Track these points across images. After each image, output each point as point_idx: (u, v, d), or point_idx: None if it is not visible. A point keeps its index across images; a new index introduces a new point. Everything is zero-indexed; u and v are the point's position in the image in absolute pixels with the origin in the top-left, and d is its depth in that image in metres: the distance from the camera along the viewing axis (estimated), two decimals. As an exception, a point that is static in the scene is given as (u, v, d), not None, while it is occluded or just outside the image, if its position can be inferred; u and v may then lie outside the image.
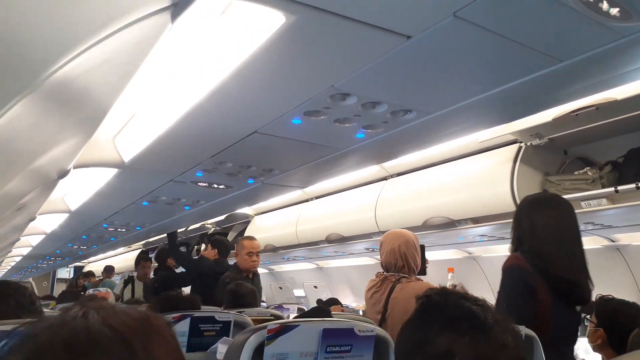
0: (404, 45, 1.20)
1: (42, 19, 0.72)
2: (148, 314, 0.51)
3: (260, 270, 7.10)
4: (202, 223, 5.39)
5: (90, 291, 4.54)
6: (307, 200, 4.58)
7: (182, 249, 6.00)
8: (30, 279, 10.67)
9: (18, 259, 7.93)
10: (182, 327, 1.83)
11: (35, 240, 5.29)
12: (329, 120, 1.72)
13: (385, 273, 2.37)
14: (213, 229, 5.89)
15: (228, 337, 1.91)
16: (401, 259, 2.33)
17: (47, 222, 4.13)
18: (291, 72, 1.40)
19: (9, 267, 9.88)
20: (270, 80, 1.45)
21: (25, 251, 6.57)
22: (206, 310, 2.09)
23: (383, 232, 3.60)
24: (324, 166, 2.38)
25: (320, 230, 4.20)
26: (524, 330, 1.70)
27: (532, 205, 1.89)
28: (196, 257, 4.46)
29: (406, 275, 2.31)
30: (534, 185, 2.69)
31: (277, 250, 5.01)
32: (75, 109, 1.36)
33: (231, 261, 4.06)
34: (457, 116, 1.70)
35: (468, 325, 0.80)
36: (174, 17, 0.95)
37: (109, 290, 4.63)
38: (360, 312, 4.53)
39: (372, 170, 3.53)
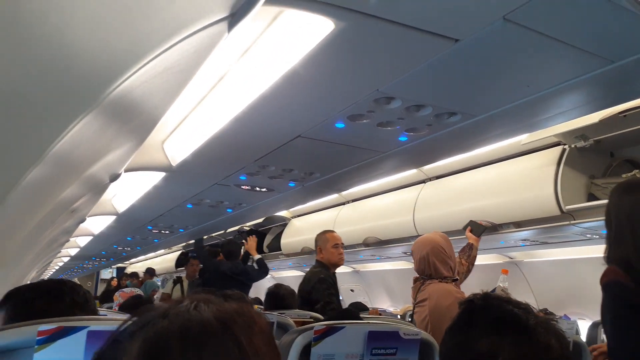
0: (452, 49, 1.21)
1: (106, 39, 0.75)
2: (248, 307, 0.55)
3: (296, 273, 7.18)
4: (240, 226, 5.49)
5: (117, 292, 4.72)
6: (343, 204, 4.59)
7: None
8: (76, 279, 11.10)
9: (66, 259, 8.27)
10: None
11: (83, 241, 5.51)
12: (372, 123, 1.74)
13: (418, 276, 2.44)
14: (250, 229, 5.99)
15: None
16: (429, 267, 2.36)
17: (95, 224, 4.30)
18: (337, 77, 1.43)
19: (57, 268, 10.29)
20: (316, 85, 1.48)
21: (73, 252, 6.84)
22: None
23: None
24: (365, 170, 2.40)
25: (357, 233, 4.21)
26: (572, 336, 1.66)
27: (625, 191, 1.47)
28: (215, 260, 4.58)
29: (434, 277, 2.35)
30: (579, 188, 2.63)
31: (313, 253, 5.04)
32: (131, 118, 1.42)
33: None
34: (502, 119, 1.69)
35: (510, 327, 0.81)
36: (231, 26, 1.00)
37: (133, 289, 4.90)
38: (398, 317, 4.50)
39: (410, 173, 3.52)
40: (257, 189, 2.75)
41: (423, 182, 3.66)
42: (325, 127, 1.81)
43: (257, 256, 4.66)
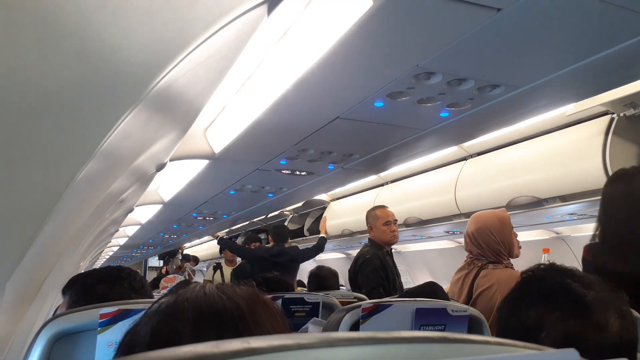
0: (494, 19, 1.17)
1: (152, 30, 0.77)
2: (256, 291, 0.59)
3: (337, 255, 7.22)
4: (280, 210, 5.56)
5: (162, 280, 4.92)
6: (382, 185, 4.58)
7: (263, 235, 6.24)
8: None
9: (115, 248, 8.61)
10: (276, 307, 1.92)
11: (131, 230, 5.72)
12: (412, 100, 1.72)
13: (473, 257, 2.30)
14: (291, 215, 6.06)
15: (317, 317, 1.98)
16: (476, 246, 2.22)
17: (142, 213, 4.45)
18: (375, 55, 1.41)
19: (107, 257, 10.73)
20: (354, 65, 1.47)
21: (122, 241, 7.12)
22: (297, 292, 2.18)
23: (464, 214, 3.55)
24: (404, 148, 2.38)
25: (397, 214, 4.17)
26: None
27: (607, 182, 1.68)
28: (248, 247, 4.68)
29: (493, 261, 2.20)
30: (629, 158, 2.52)
31: (355, 235, 5.06)
32: (175, 108, 1.46)
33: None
34: (547, 89, 1.64)
35: (561, 300, 0.77)
36: (270, 9, 1.00)
37: (177, 275, 5.16)
38: (443, 295, 4.47)
39: (450, 151, 3.46)
40: (297, 172, 2.78)
41: (464, 159, 3.60)
42: (364, 107, 1.80)
43: (323, 234, 4.74)
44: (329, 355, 0.32)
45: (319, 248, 4.68)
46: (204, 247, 9.37)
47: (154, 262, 13.83)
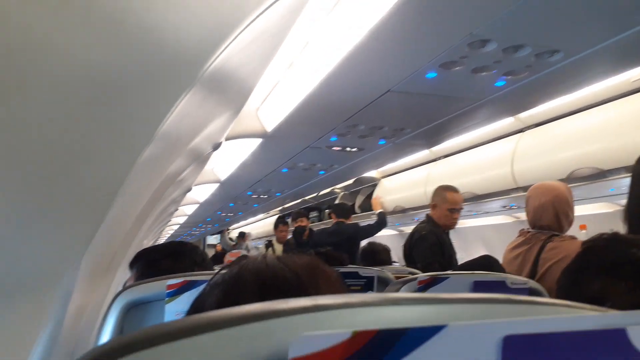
0: (553, -21, 1.12)
1: (205, 9, 0.78)
2: (317, 261, 0.60)
3: (389, 232, 7.20)
4: (332, 188, 5.59)
5: (228, 254, 5.09)
6: (433, 160, 4.50)
7: (315, 213, 6.29)
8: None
9: (175, 227, 8.99)
10: (331, 282, 1.95)
11: (190, 209, 5.94)
12: (466, 70, 1.67)
13: (532, 230, 2.21)
14: (342, 193, 6.09)
15: (372, 291, 2.00)
16: (550, 216, 2.10)
17: (200, 193, 4.61)
18: (427, 24, 1.38)
19: (168, 235, 11.23)
20: (405, 36, 1.45)
21: (182, 220, 7.41)
22: (351, 267, 2.20)
23: (522, 188, 3.43)
24: (458, 120, 2.33)
25: (451, 189, 4.11)
26: None
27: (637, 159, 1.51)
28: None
29: (557, 233, 2.09)
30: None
31: (407, 212, 5.02)
32: (228, 88, 1.49)
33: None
34: (610, 53, 1.55)
35: (627, 271, 0.75)
36: (319, -17, 1.00)
37: (241, 251, 5.29)
38: (500, 271, 4.37)
39: (505, 123, 3.34)
40: (348, 149, 2.78)
41: (521, 131, 3.47)
42: (415, 79, 1.77)
43: (379, 210, 4.71)
44: (392, 313, 0.33)
45: (380, 223, 4.63)
46: (260, 225, 9.59)
47: (212, 240, 14.31)
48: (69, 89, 0.55)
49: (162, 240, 11.23)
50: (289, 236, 5.22)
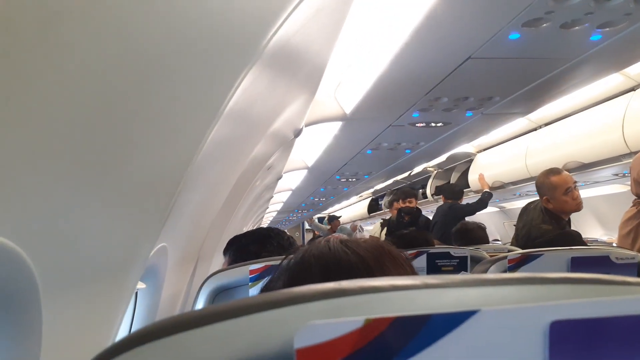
0: None
1: None
2: (381, 243, 0.58)
3: (491, 209, 6.88)
4: (424, 166, 5.44)
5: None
6: (534, 129, 4.18)
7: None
8: (286, 230, 12.47)
9: (274, 214, 9.37)
10: (420, 263, 1.89)
11: (284, 196, 6.14)
12: (554, 26, 1.50)
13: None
14: (435, 171, 5.90)
15: (466, 272, 1.91)
16: None
17: (291, 180, 4.74)
18: (502, -20, 1.26)
19: (269, 222, 11.74)
20: (478, -4, 1.34)
21: (279, 207, 7.70)
22: (442, 247, 2.12)
23: (635, 153, 3.08)
24: (552, 84, 2.12)
25: (554, 160, 3.79)
26: None
27: None
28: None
29: None
30: None
31: (507, 187, 4.74)
32: (297, 68, 1.49)
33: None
34: None
35: None
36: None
37: (340, 234, 5.30)
38: (614, 245, 4.00)
39: (612, 82, 3.00)
40: (433, 124, 2.67)
41: (632, 89, 3.09)
42: (497, 42, 1.63)
43: (486, 189, 4.58)
44: (444, 297, 0.30)
45: (481, 203, 4.45)
46: (354, 208, 9.67)
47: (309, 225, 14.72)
48: (124, 67, 0.57)
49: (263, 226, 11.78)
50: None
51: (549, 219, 2.47)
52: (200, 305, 1.13)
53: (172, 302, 1.57)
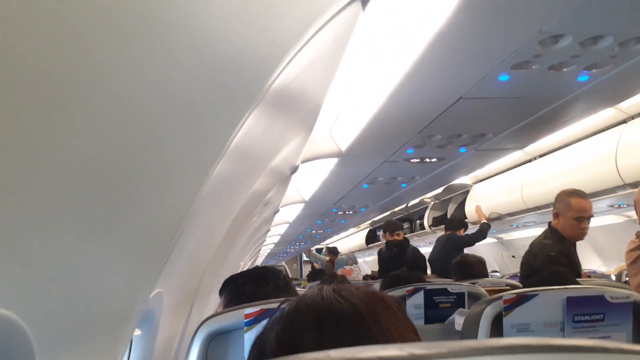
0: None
1: (251, 39, 0.81)
2: (374, 291, 0.58)
3: (489, 240, 6.86)
4: (421, 198, 5.46)
5: (339, 271, 5.10)
6: (529, 161, 4.22)
7: (406, 224, 6.17)
8: (283, 263, 12.38)
9: (271, 246, 9.31)
10: (417, 300, 1.89)
11: (282, 229, 6.13)
12: (542, 68, 1.55)
13: None
14: (432, 202, 5.92)
15: (464, 308, 1.91)
16: None
17: (288, 213, 4.74)
18: (490, 26, 1.31)
19: (266, 254, 11.65)
20: (468, 41, 1.38)
21: (276, 239, 7.66)
22: (438, 283, 2.12)
23: (629, 185, 3.10)
24: (543, 121, 2.16)
25: (549, 192, 3.78)
26: None
27: None
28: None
29: None
30: None
31: (503, 218, 4.75)
32: (294, 110, 1.53)
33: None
34: None
35: None
36: (364, 4, 0.99)
37: (353, 267, 5.30)
38: (613, 277, 3.99)
39: (604, 115, 3.05)
40: (427, 160, 2.70)
41: (624, 122, 3.14)
42: (488, 83, 1.68)
43: (483, 220, 4.61)
44: None
45: (480, 234, 4.45)
46: (351, 239, 9.64)
47: (306, 257, 14.62)
48: (131, 119, 0.59)
49: (259, 260, 11.67)
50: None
51: (551, 235, 2.44)
52: (195, 351, 1.12)
53: (166, 346, 1.56)
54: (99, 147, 0.54)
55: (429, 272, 4.46)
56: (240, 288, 1.32)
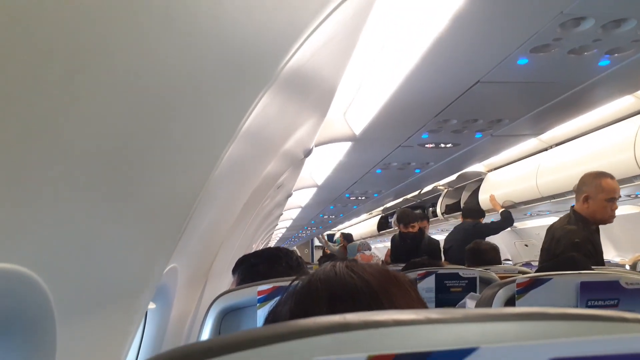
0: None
1: (270, 16, 0.81)
2: (387, 268, 0.58)
3: (501, 229, 6.80)
4: (434, 185, 5.43)
5: (357, 256, 5.11)
6: (545, 149, 4.17)
7: (418, 211, 6.15)
8: (295, 247, 12.48)
9: (283, 230, 9.36)
10: (428, 284, 1.89)
11: (294, 213, 6.15)
12: (562, 52, 1.52)
13: None
14: (446, 190, 5.88)
15: (475, 293, 1.91)
16: None
17: (301, 197, 4.76)
18: (510, 8, 1.29)
19: (277, 239, 11.72)
20: (486, 23, 1.36)
21: (288, 224, 7.70)
22: (451, 267, 2.12)
23: (647, 175, 3.05)
24: (562, 106, 2.13)
25: (565, 180, 3.77)
26: None
27: None
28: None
29: None
30: None
31: (518, 206, 4.71)
32: (309, 92, 1.52)
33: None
34: None
35: None
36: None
37: (373, 253, 5.33)
38: (627, 267, 3.95)
39: (623, 103, 2.99)
40: (442, 145, 2.68)
41: (643, 110, 3.09)
42: (506, 67, 1.65)
43: (500, 209, 4.54)
44: (443, 333, 0.31)
45: (506, 221, 4.38)
46: (363, 225, 9.64)
47: (318, 242, 14.67)
48: (145, 90, 0.59)
49: (271, 244, 11.76)
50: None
51: (575, 220, 2.35)
52: (208, 326, 1.14)
53: (180, 321, 1.58)
54: (117, 114, 0.55)
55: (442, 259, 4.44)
56: (253, 267, 1.34)
